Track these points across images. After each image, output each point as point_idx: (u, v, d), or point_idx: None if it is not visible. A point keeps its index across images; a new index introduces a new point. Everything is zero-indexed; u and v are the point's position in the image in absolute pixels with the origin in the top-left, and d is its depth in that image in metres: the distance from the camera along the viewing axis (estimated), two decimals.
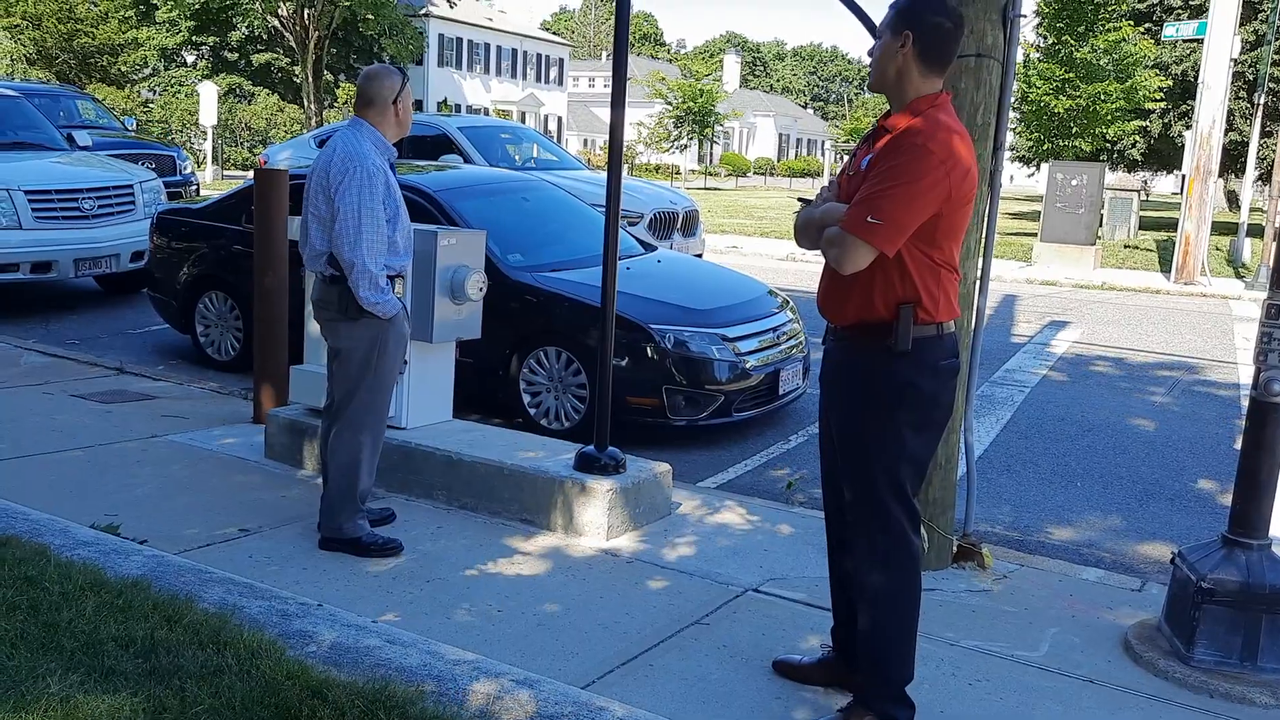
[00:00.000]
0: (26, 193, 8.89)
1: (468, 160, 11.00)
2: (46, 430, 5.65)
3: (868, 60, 3.02)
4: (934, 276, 2.88)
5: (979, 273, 4.25)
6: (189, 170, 15.76)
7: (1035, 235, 17.84)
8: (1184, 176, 16.83)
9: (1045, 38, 23.54)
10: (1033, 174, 30.33)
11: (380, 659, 2.81)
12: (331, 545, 4.20)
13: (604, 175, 11.62)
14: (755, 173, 62.46)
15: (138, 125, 22.84)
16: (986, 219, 4.20)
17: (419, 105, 52.04)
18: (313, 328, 5.21)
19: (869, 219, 2.77)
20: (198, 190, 15.60)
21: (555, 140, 14.60)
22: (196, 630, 2.83)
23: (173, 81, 42.58)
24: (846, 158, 3.15)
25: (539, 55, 65.85)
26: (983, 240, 4.21)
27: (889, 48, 2.88)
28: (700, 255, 11.12)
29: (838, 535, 3.27)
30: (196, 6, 40.12)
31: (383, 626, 3.12)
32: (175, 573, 3.30)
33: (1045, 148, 23.41)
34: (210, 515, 4.54)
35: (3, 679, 2.50)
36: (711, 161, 60.87)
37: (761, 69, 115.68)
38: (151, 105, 36.83)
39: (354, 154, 3.96)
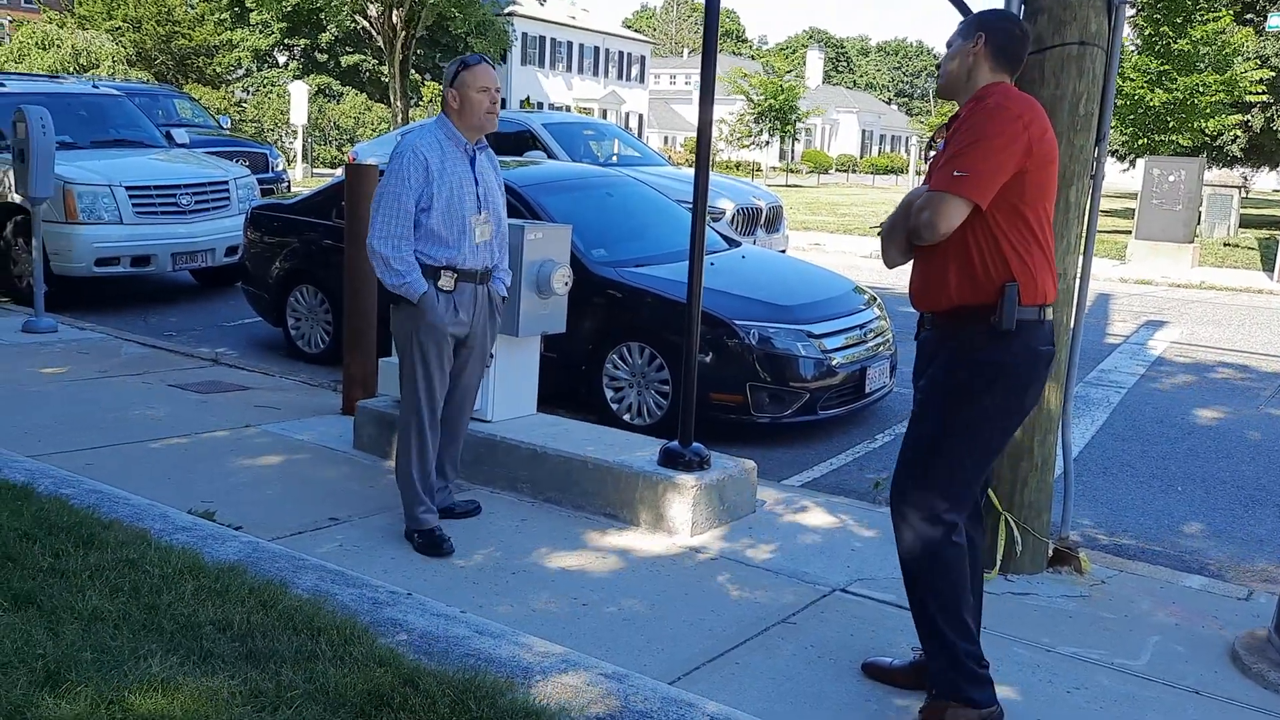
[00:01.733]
0: (128, 189, 9.18)
1: (552, 156, 11.05)
2: (146, 419, 5.81)
3: (939, 71, 3.11)
4: (1028, 252, 2.88)
5: (1079, 269, 4.12)
6: (280, 167, 16.13)
7: (1129, 233, 17.32)
8: None
9: (1141, 28, 22.84)
10: (1126, 169, 29.47)
11: (469, 649, 2.82)
12: (409, 536, 4.26)
13: (686, 171, 11.64)
14: (838, 169, 61.77)
15: (232, 124, 23.44)
16: (1087, 214, 4.06)
17: (501, 104, 52.56)
18: None
19: (955, 173, 2.81)
20: (289, 187, 15.97)
21: (636, 137, 14.58)
22: (291, 616, 2.87)
23: (265, 82, 43.64)
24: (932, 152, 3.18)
25: (620, 53, 66.03)
26: (1083, 235, 4.08)
27: (961, 50, 3.00)
28: (784, 251, 11.02)
29: None
30: (288, 9, 41.07)
31: (471, 617, 3.14)
32: (269, 559, 3.36)
33: (1140, 143, 22.72)
34: (301, 504, 4.63)
35: (107, 659, 2.56)
36: (793, 158, 60.39)
37: (845, 65, 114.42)
38: (245, 104, 37.78)
39: (401, 144, 4.07)
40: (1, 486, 3.75)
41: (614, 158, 12.31)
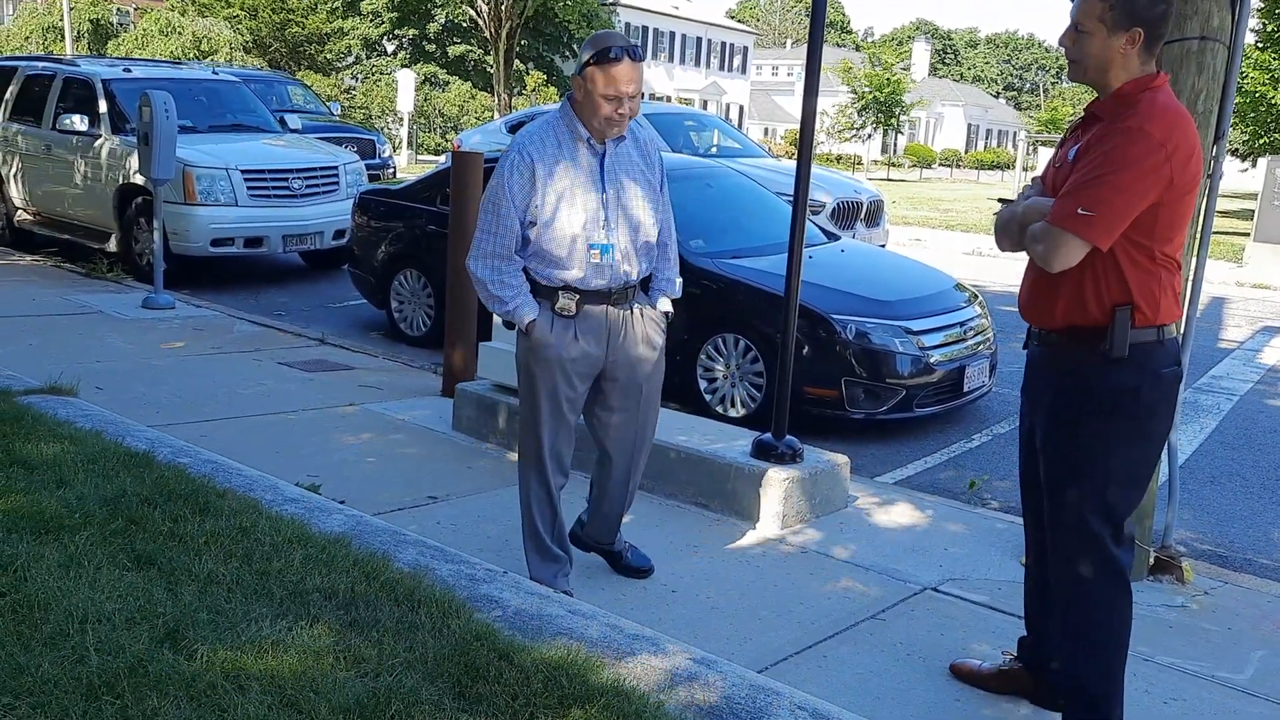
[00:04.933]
0: (243, 172, 9.51)
1: None
2: (257, 395, 6.05)
3: (1065, 48, 2.73)
4: (1153, 274, 2.66)
5: (1192, 270, 4.01)
6: (387, 154, 16.49)
7: (1247, 235, 16.65)
8: None
9: (1265, 25, 21.93)
10: (1246, 169, 28.37)
11: (562, 628, 2.88)
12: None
13: (787, 163, 11.54)
14: (941, 164, 60.66)
15: (341, 110, 24.05)
16: (1203, 214, 3.95)
17: None
18: None
19: (1079, 210, 2.57)
20: (394, 173, 16.33)
21: (736, 128, 14.53)
22: (392, 587, 2.97)
23: (374, 69, 44.69)
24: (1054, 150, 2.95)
25: (723, 44, 65.79)
26: (1198, 236, 3.97)
27: (1109, 45, 2.62)
28: (884, 246, 10.89)
29: (1036, 546, 3.10)
30: None
31: (564, 597, 3.21)
32: (372, 532, 3.48)
33: (1263, 142, 21.85)
34: (402, 481, 4.77)
35: (222, 619, 2.70)
36: (895, 152, 59.49)
37: (952, 57, 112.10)
38: (354, 91, 38.74)
39: (510, 143, 3.46)
40: (125, 454, 3.96)
41: (714, 149, 12.28)
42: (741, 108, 66.05)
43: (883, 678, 3.31)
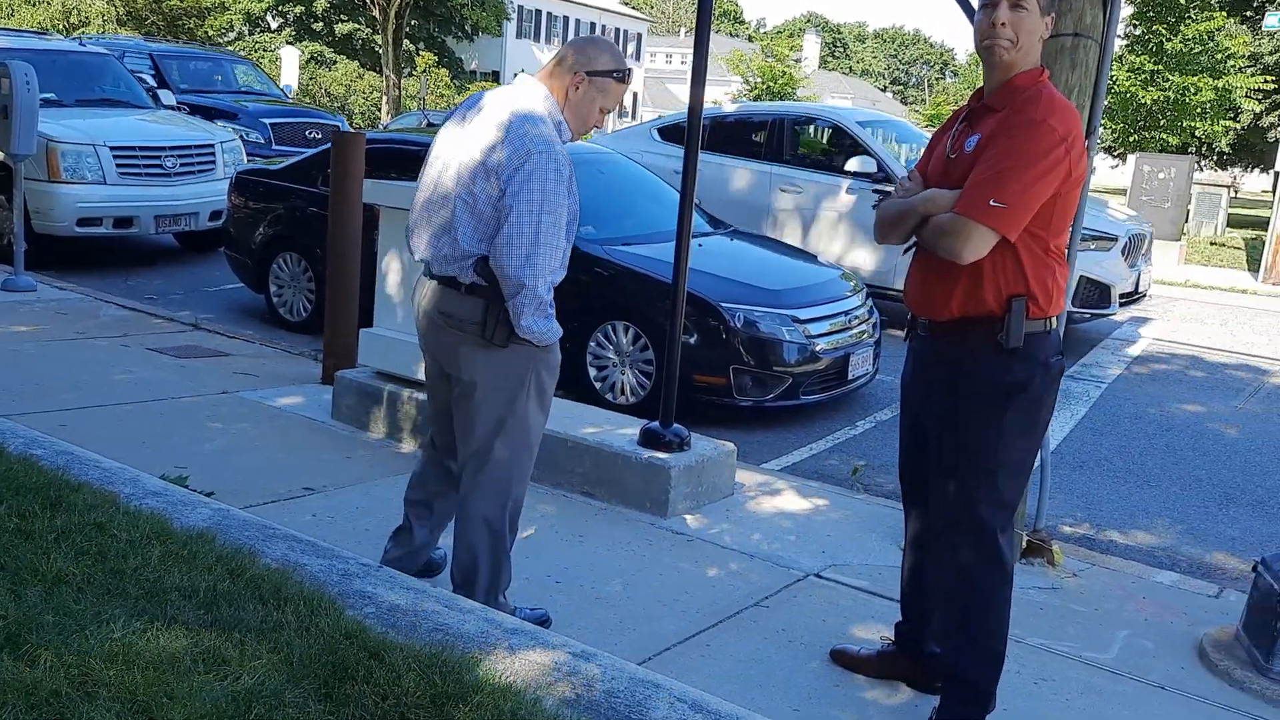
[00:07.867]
0: (112, 149, 9.06)
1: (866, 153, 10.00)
2: (123, 382, 5.76)
3: (999, 25, 2.66)
4: (1047, 266, 2.71)
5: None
6: None
7: None
8: (1277, 174, 16.24)
9: (1135, 26, 22.87)
10: (1116, 166, 29.58)
11: (438, 624, 2.80)
12: None
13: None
14: None
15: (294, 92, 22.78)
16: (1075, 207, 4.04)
17: (495, 77, 52.15)
18: (386, 292, 5.23)
19: (991, 202, 2.59)
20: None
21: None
22: (258, 585, 2.84)
23: (257, 46, 43.24)
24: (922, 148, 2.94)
25: (617, 30, 65.63)
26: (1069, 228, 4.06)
27: (1038, 25, 2.71)
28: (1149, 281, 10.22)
29: (916, 533, 3.14)
30: None
31: (441, 592, 3.12)
32: (239, 527, 3.33)
33: (1131, 139, 22.79)
34: (276, 472, 4.59)
35: (69, 622, 2.53)
36: None
37: (841, 50, 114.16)
38: None
39: (541, 142, 2.96)
40: None
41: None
42: (635, 95, 66.05)
43: (765, 665, 3.31)
